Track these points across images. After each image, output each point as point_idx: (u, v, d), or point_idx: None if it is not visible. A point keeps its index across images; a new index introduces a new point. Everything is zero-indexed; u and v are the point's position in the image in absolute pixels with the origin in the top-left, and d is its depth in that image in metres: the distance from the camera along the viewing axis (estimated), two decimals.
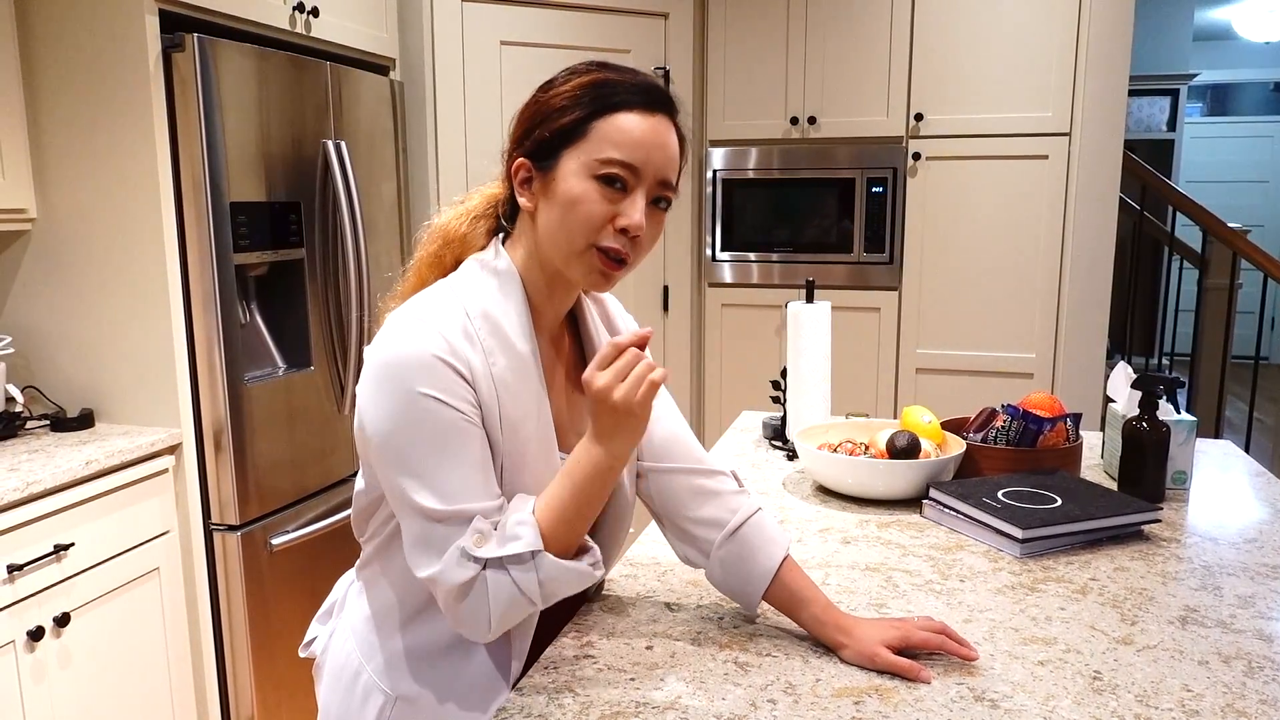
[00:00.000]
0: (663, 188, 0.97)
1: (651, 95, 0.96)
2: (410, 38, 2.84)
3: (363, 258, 2.45)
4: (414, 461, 0.91)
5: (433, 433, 0.91)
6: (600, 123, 0.94)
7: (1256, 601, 1.19)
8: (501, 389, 0.96)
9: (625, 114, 0.94)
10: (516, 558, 0.91)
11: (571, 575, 0.93)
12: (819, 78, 3.21)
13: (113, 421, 2.16)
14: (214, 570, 2.18)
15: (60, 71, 2.04)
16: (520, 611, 0.93)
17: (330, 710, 1.09)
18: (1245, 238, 3.95)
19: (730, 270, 3.40)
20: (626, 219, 0.94)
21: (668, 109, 0.98)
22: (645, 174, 0.95)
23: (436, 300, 0.97)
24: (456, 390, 0.92)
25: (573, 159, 0.95)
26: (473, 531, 0.91)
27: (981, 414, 1.74)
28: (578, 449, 0.94)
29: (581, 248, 0.95)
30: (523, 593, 0.91)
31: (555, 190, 0.96)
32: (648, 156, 0.95)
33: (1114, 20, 2.94)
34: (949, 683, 0.98)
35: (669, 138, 0.97)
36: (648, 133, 0.95)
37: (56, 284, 2.14)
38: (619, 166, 0.94)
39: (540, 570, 0.91)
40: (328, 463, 2.45)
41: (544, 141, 0.96)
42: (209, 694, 2.20)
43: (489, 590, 0.91)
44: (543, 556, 0.91)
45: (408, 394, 0.91)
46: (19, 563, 1.72)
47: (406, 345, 0.92)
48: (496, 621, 0.93)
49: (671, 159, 0.97)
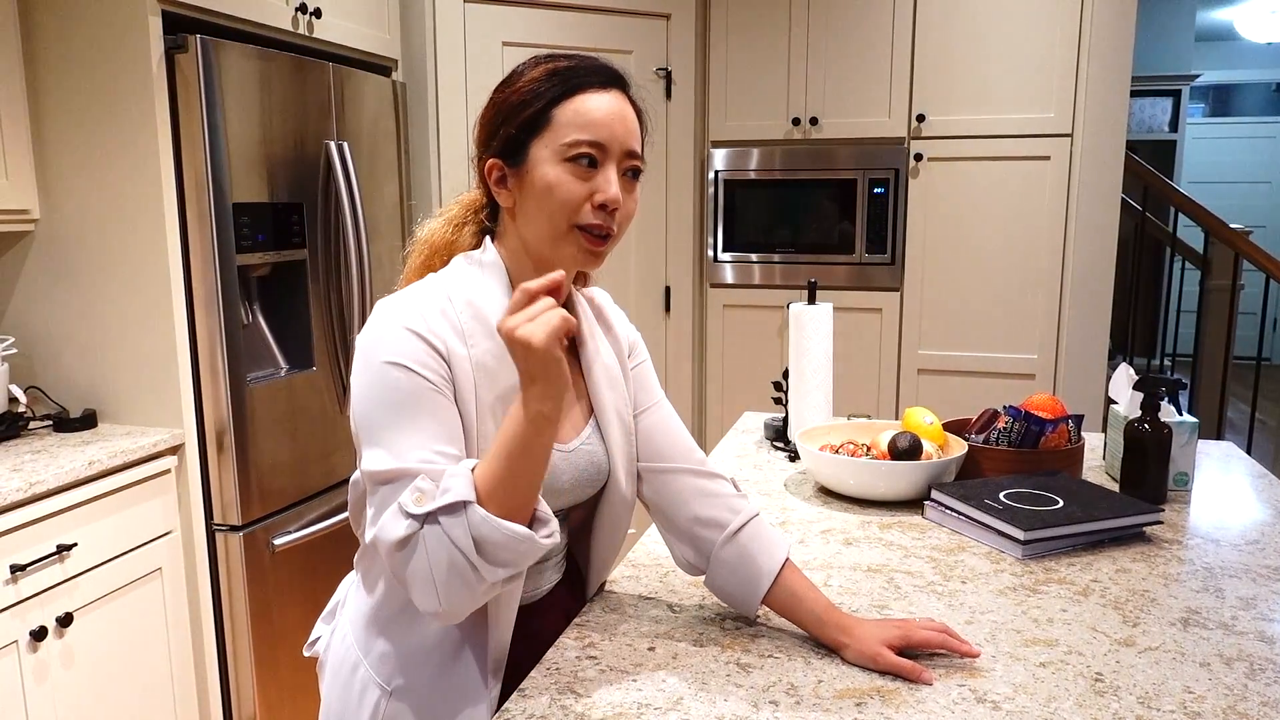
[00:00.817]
0: (630, 158, 1.01)
1: (604, 74, 1.01)
2: (412, 39, 2.84)
3: (365, 258, 2.46)
4: (375, 427, 0.93)
5: (395, 399, 0.93)
6: (560, 109, 0.98)
7: (1258, 603, 1.19)
8: (480, 372, 0.98)
9: (582, 95, 0.98)
10: (449, 508, 0.87)
11: (509, 537, 0.88)
12: (821, 79, 3.21)
13: (115, 422, 2.16)
14: (216, 570, 2.18)
15: (64, 72, 2.05)
16: (463, 576, 0.88)
17: (331, 704, 1.10)
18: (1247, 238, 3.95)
19: (732, 271, 3.40)
20: (603, 194, 0.98)
21: (621, 84, 1.02)
22: (612, 148, 0.99)
23: (420, 286, 1.01)
24: (424, 359, 0.94)
25: (541, 148, 0.99)
26: (414, 490, 0.89)
27: (983, 415, 1.74)
28: (517, 414, 0.90)
29: (564, 229, 0.99)
30: (456, 546, 0.87)
31: (530, 181, 0.99)
32: (611, 132, 0.98)
33: (1116, 21, 2.94)
34: (951, 684, 0.98)
35: (627, 110, 1.01)
36: (607, 109, 0.99)
37: (60, 285, 2.15)
38: (586, 146, 0.97)
39: (471, 524, 0.87)
40: (330, 463, 2.45)
41: (511, 138, 1.00)
42: (211, 694, 2.20)
43: (427, 547, 0.88)
44: (473, 508, 0.87)
45: (376, 365, 0.94)
46: (22, 563, 1.72)
47: (381, 323, 0.96)
48: (442, 585, 0.88)
49: (633, 130, 1.01)
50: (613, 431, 1.11)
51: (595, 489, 1.12)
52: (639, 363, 1.19)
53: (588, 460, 1.09)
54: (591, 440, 1.10)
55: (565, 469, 1.07)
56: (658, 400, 1.19)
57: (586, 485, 1.10)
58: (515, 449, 0.89)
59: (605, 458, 1.11)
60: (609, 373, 1.13)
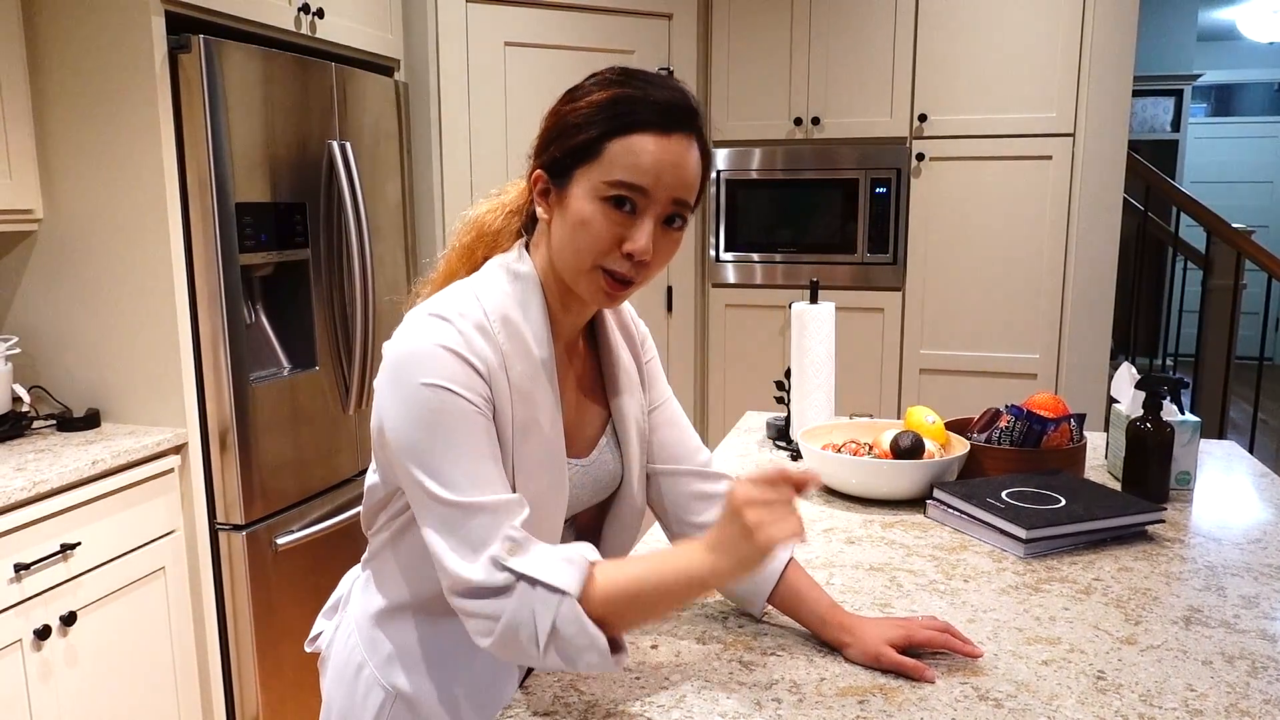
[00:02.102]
0: (677, 206, 0.95)
1: (670, 114, 0.93)
2: (415, 39, 2.85)
3: (367, 258, 2.46)
4: (427, 452, 0.90)
5: (445, 423, 0.90)
6: (614, 144, 0.92)
7: (1260, 602, 1.19)
8: (516, 394, 0.95)
9: (640, 136, 0.92)
10: (548, 586, 0.87)
11: (589, 646, 0.87)
12: (823, 78, 3.22)
13: (119, 421, 2.17)
14: (219, 569, 2.19)
15: (67, 72, 2.05)
16: (523, 645, 0.88)
17: (333, 704, 1.10)
18: (1249, 238, 3.95)
19: (734, 271, 3.40)
20: (632, 244, 0.93)
21: (688, 126, 0.95)
22: (656, 196, 0.93)
23: (456, 298, 0.97)
24: (468, 382, 0.91)
25: (584, 179, 0.93)
26: (506, 539, 0.89)
27: (985, 414, 1.74)
28: (686, 545, 0.90)
29: (588, 267, 0.95)
30: (534, 622, 0.87)
31: (567, 207, 0.95)
32: (658, 179, 0.92)
33: (1118, 21, 2.94)
34: (953, 682, 0.98)
35: (687, 157, 0.94)
36: (661, 154, 0.92)
37: (63, 284, 2.15)
38: (627, 189, 0.92)
39: (560, 615, 0.86)
40: (332, 463, 2.46)
41: (559, 159, 0.96)
42: (214, 692, 2.20)
43: (506, 600, 0.87)
44: (571, 603, 0.87)
45: (420, 386, 0.90)
46: (26, 562, 1.73)
47: (421, 339, 0.92)
48: (499, 636, 0.88)
49: (687, 179, 0.94)
50: (631, 440, 1.11)
51: (608, 494, 1.12)
52: (649, 359, 1.19)
53: (603, 470, 1.09)
54: (607, 450, 1.10)
55: (584, 483, 1.07)
56: (666, 398, 1.19)
57: (600, 493, 1.11)
58: (671, 587, 0.88)
59: (620, 466, 1.11)
60: (629, 376, 1.12)
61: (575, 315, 1.05)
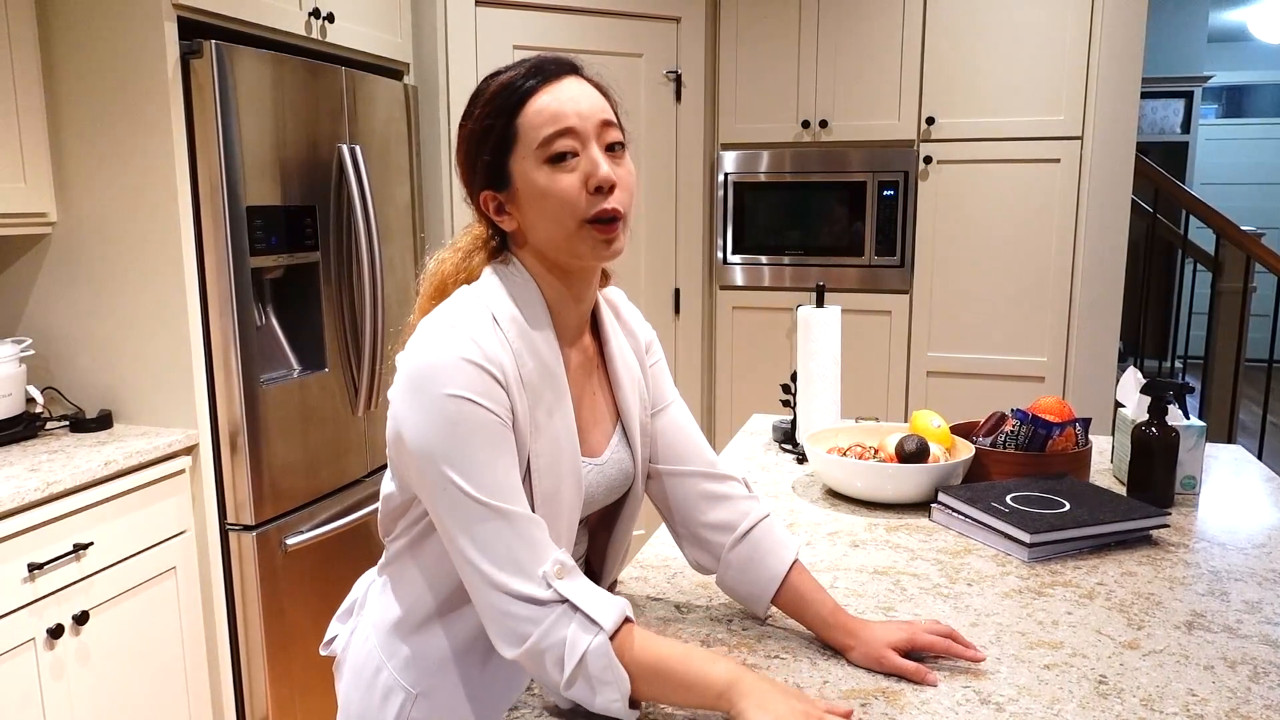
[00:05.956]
0: (607, 129, 0.98)
1: (544, 69, 0.99)
2: (424, 42, 2.86)
3: (377, 261, 2.48)
4: (458, 454, 0.91)
5: (468, 433, 0.91)
6: (521, 118, 0.96)
7: (1264, 607, 1.19)
8: (529, 390, 0.97)
9: (535, 98, 0.97)
10: (588, 617, 0.89)
11: (612, 680, 0.88)
12: (830, 81, 3.22)
13: (131, 422, 2.19)
14: (229, 570, 2.21)
15: (80, 77, 2.07)
16: (546, 666, 0.89)
17: (350, 707, 1.10)
18: (1259, 241, 3.94)
19: (741, 273, 3.41)
20: (594, 176, 0.95)
21: (568, 70, 1.00)
22: (585, 130, 0.96)
23: (465, 305, 0.98)
24: (489, 392, 0.92)
25: (519, 162, 0.97)
26: (554, 561, 0.90)
27: (990, 418, 1.74)
28: (726, 663, 0.91)
29: (574, 228, 0.97)
30: (565, 646, 0.88)
31: (524, 196, 0.98)
32: (577, 113, 0.96)
33: (1127, 22, 2.93)
34: (955, 685, 0.99)
35: (584, 89, 0.99)
36: (561, 96, 0.97)
37: (76, 287, 2.18)
38: (558, 138, 0.95)
39: (591, 648, 0.88)
40: (342, 464, 2.47)
41: (489, 164, 0.99)
42: (224, 692, 2.22)
43: (549, 621, 0.89)
44: (603, 639, 0.88)
45: (443, 397, 0.91)
46: (39, 561, 1.75)
47: (439, 352, 0.93)
48: (527, 650, 0.89)
49: (597, 105, 0.98)
50: (637, 438, 1.12)
51: (622, 494, 1.13)
52: (655, 361, 1.20)
53: (618, 469, 1.10)
54: (620, 449, 1.11)
55: (599, 481, 1.08)
56: (673, 400, 1.20)
57: (614, 493, 1.11)
58: (691, 680, 0.89)
59: (632, 464, 1.12)
60: (632, 376, 1.13)
61: (576, 303, 1.05)
